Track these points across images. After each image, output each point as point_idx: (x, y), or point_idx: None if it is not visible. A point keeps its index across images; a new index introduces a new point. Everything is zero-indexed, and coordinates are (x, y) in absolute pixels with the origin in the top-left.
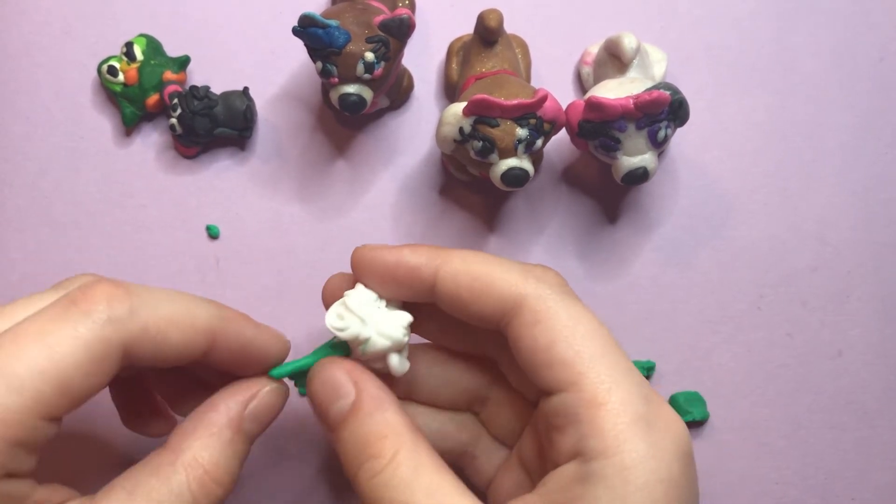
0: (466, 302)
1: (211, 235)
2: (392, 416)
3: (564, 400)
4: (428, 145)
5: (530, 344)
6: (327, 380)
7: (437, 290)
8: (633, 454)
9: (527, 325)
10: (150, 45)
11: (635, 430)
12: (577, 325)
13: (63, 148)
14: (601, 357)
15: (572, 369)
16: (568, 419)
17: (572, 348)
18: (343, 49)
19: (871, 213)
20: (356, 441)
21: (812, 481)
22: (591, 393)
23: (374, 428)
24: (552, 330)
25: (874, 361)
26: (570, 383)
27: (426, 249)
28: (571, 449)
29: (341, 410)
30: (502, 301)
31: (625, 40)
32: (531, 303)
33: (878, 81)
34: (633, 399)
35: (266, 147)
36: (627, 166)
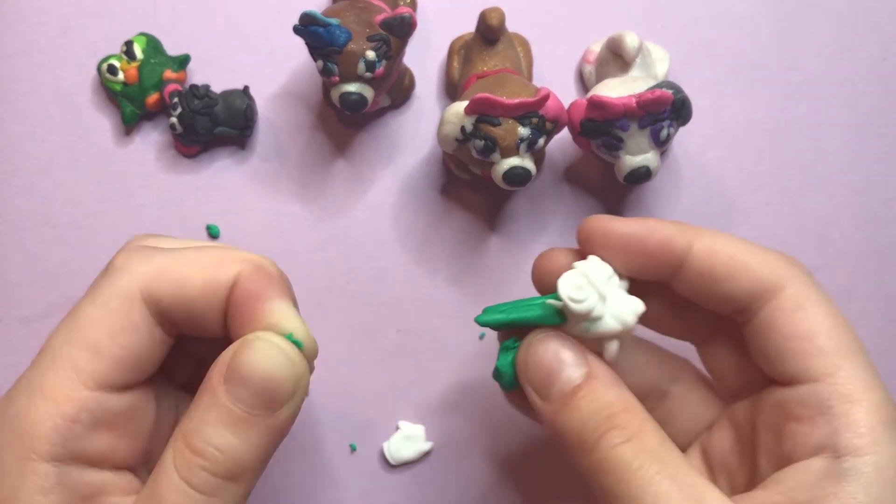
0: (721, 279)
1: (211, 235)
2: (629, 394)
3: (816, 391)
4: (429, 144)
5: (788, 330)
6: (553, 351)
7: (690, 264)
8: (890, 455)
9: (787, 309)
10: (150, 43)
11: (888, 431)
12: (836, 318)
13: (63, 147)
14: (858, 355)
15: (831, 360)
16: (819, 410)
17: (832, 340)
18: (344, 48)
19: (873, 213)
20: (596, 409)
21: None
22: (848, 388)
23: (616, 399)
24: (814, 318)
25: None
26: (826, 374)
27: (675, 223)
28: (818, 443)
29: (572, 381)
30: (760, 281)
31: (627, 39)
32: (793, 288)
33: (881, 81)
34: (886, 402)
35: (266, 146)
36: (630, 165)
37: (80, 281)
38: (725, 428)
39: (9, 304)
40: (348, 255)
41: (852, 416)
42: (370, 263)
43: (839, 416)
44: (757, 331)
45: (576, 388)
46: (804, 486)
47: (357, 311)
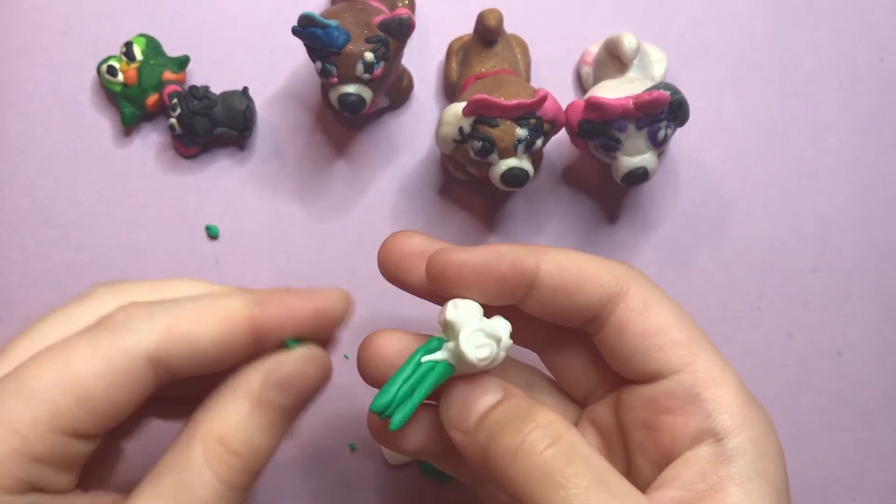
0: (571, 290)
1: (210, 235)
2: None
3: (681, 381)
4: (427, 145)
5: (640, 328)
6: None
7: (541, 282)
8: (760, 430)
9: (636, 310)
10: (149, 44)
11: (753, 408)
12: (680, 311)
13: (63, 148)
14: (707, 343)
15: (687, 351)
16: (688, 399)
17: (684, 332)
18: (342, 49)
19: (872, 213)
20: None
21: (812, 482)
22: (710, 373)
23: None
24: (662, 315)
25: (874, 362)
26: (686, 364)
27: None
28: (697, 431)
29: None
30: (609, 288)
31: (625, 40)
32: (638, 289)
33: (879, 81)
34: (740, 380)
35: (265, 147)
36: (627, 166)
37: (80, 281)
38: (587, 431)
39: (9, 304)
40: (347, 255)
41: (721, 398)
42: (369, 264)
43: (709, 401)
44: (611, 335)
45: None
46: (698, 475)
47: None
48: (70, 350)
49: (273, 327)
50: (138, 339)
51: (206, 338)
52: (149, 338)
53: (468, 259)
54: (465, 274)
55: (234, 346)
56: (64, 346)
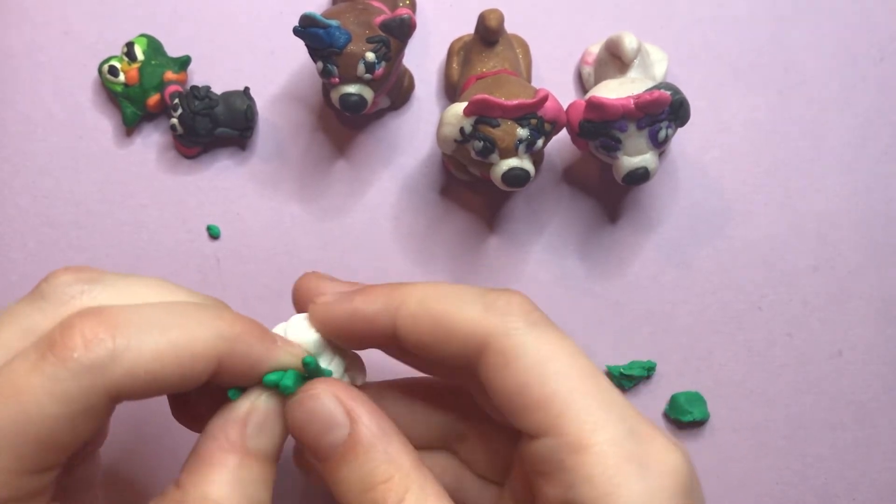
0: (431, 347)
1: (212, 235)
2: (395, 450)
3: (546, 445)
4: (429, 145)
5: (500, 388)
6: (316, 409)
7: (400, 336)
8: (631, 492)
9: (494, 367)
10: (150, 45)
11: (628, 472)
12: (548, 361)
13: (63, 148)
14: (581, 394)
15: (549, 412)
16: (553, 466)
17: (546, 388)
18: (344, 49)
19: (872, 213)
20: (355, 484)
21: (812, 481)
22: (575, 436)
23: (376, 468)
24: (522, 371)
25: (875, 361)
26: (551, 427)
27: (381, 292)
28: (560, 499)
29: (334, 444)
30: (466, 343)
31: (625, 40)
32: (496, 343)
33: (879, 81)
34: (620, 437)
35: (267, 147)
36: (628, 166)
37: None
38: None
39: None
40: (349, 255)
41: (584, 468)
42: (370, 264)
43: (571, 470)
44: (479, 391)
45: (339, 455)
46: None
47: None
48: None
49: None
50: (100, 380)
51: (167, 378)
52: (110, 378)
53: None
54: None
55: (194, 383)
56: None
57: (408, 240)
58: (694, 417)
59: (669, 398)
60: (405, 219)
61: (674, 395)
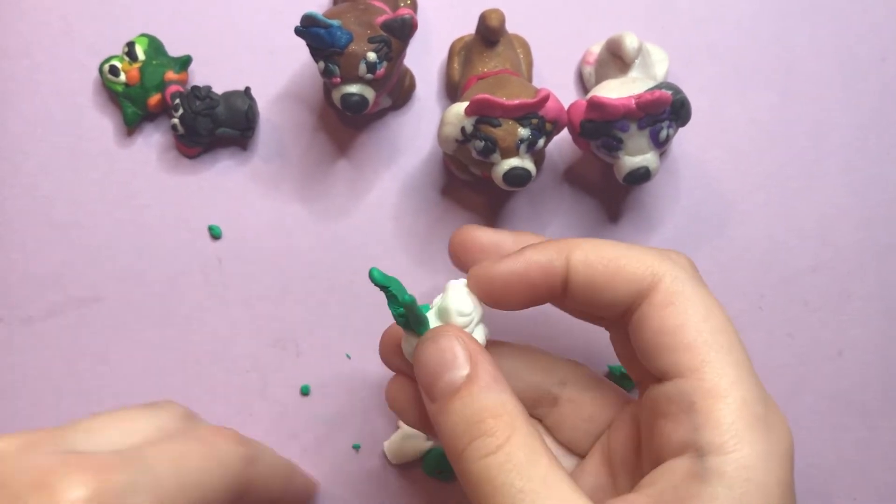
0: (601, 287)
1: (213, 236)
2: (508, 397)
3: (681, 386)
4: (430, 145)
5: (658, 325)
6: (442, 347)
7: (571, 281)
8: (753, 453)
9: (658, 305)
10: (151, 44)
11: (755, 429)
12: (708, 313)
13: (64, 148)
14: (728, 350)
15: (696, 355)
16: (682, 407)
17: (701, 335)
18: (345, 49)
19: (873, 213)
20: (468, 415)
21: (813, 481)
22: (713, 383)
23: (489, 404)
24: (684, 313)
25: (875, 361)
26: (692, 370)
27: (550, 244)
28: (682, 441)
29: (453, 382)
30: (637, 282)
31: (626, 40)
32: (666, 283)
33: (881, 81)
34: (753, 398)
35: (268, 147)
36: (629, 166)
37: (81, 281)
38: (623, 427)
39: (10, 304)
40: (350, 255)
41: (714, 413)
42: (372, 263)
43: (701, 413)
44: (634, 328)
45: (454, 391)
46: (670, 487)
47: (359, 311)
48: None
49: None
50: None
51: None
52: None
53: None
54: (496, 289)
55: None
56: None
57: (409, 239)
58: None
59: None
60: (406, 219)
61: None
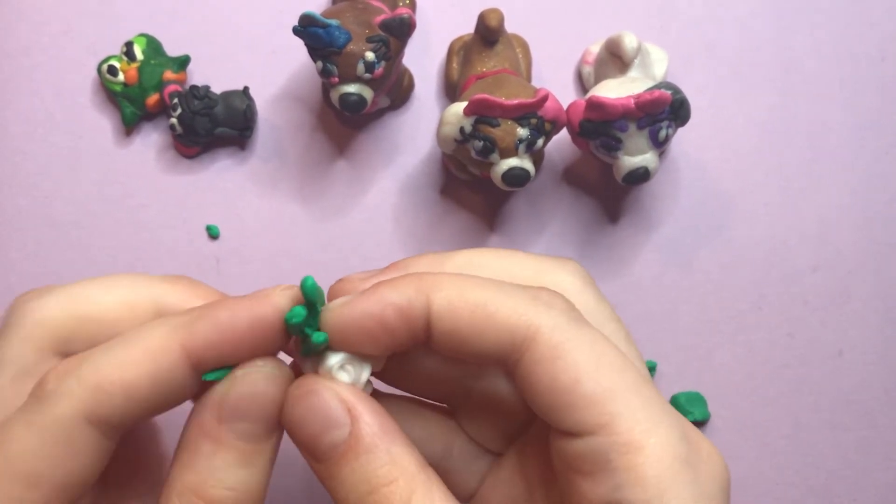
0: (468, 338)
1: (211, 235)
2: (399, 451)
3: (593, 444)
4: (429, 145)
5: (548, 384)
6: (315, 406)
7: (434, 326)
8: (679, 498)
9: (543, 361)
10: (150, 44)
11: (679, 475)
12: (601, 357)
13: (63, 148)
14: (633, 391)
15: (602, 409)
16: (599, 465)
17: (601, 386)
18: (343, 48)
19: (873, 213)
20: (356, 486)
21: (813, 481)
22: (627, 436)
23: (379, 470)
24: (575, 366)
25: (875, 361)
26: (601, 426)
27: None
28: (604, 499)
29: (334, 444)
30: (509, 333)
31: (626, 40)
32: (546, 335)
33: (880, 81)
34: (672, 439)
35: (266, 147)
36: (628, 166)
37: None
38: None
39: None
40: (349, 255)
41: (634, 468)
42: (370, 264)
43: (620, 471)
44: (522, 385)
45: (339, 455)
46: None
47: None
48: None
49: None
50: (70, 405)
51: (139, 383)
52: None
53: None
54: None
55: (175, 382)
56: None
57: (408, 239)
58: (695, 418)
59: (670, 398)
60: (405, 219)
61: (674, 396)
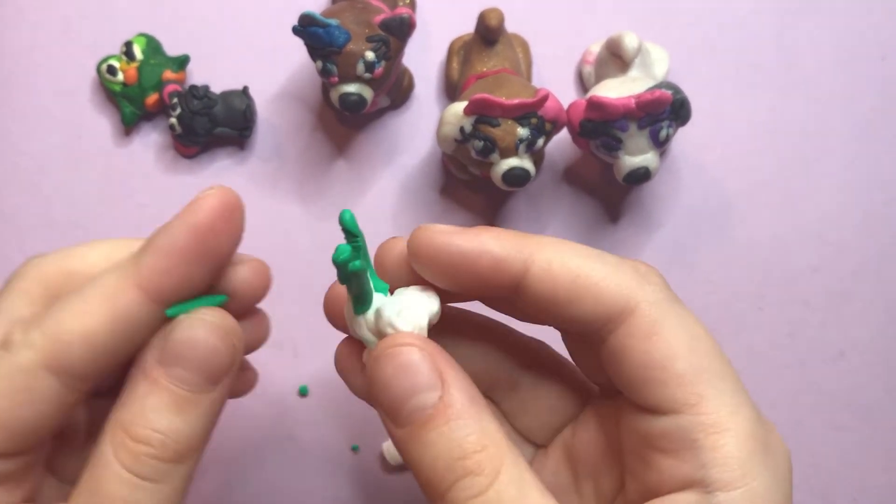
0: (563, 303)
1: None
2: (489, 421)
3: (680, 422)
4: (429, 145)
5: (642, 359)
6: (404, 364)
7: (528, 287)
8: (761, 484)
9: (639, 336)
10: (149, 44)
11: (759, 458)
12: (695, 339)
13: (62, 147)
14: (721, 377)
15: (692, 389)
16: (684, 444)
17: (692, 366)
18: (343, 48)
19: (873, 213)
20: (447, 450)
21: (814, 482)
22: (714, 417)
23: (470, 435)
24: (670, 344)
25: (876, 362)
26: (689, 405)
27: (510, 236)
28: (687, 477)
29: (422, 407)
30: (609, 305)
31: (626, 39)
32: (645, 310)
33: (881, 80)
34: (753, 423)
35: (266, 146)
36: (629, 166)
37: None
38: (591, 429)
39: None
40: None
41: (720, 448)
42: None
43: (706, 450)
44: (611, 357)
45: (427, 418)
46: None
47: None
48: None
49: (164, 279)
50: (31, 355)
51: (98, 329)
52: (41, 350)
53: (446, 246)
54: (440, 262)
55: (136, 321)
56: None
57: None
58: None
59: None
60: (405, 218)
61: None
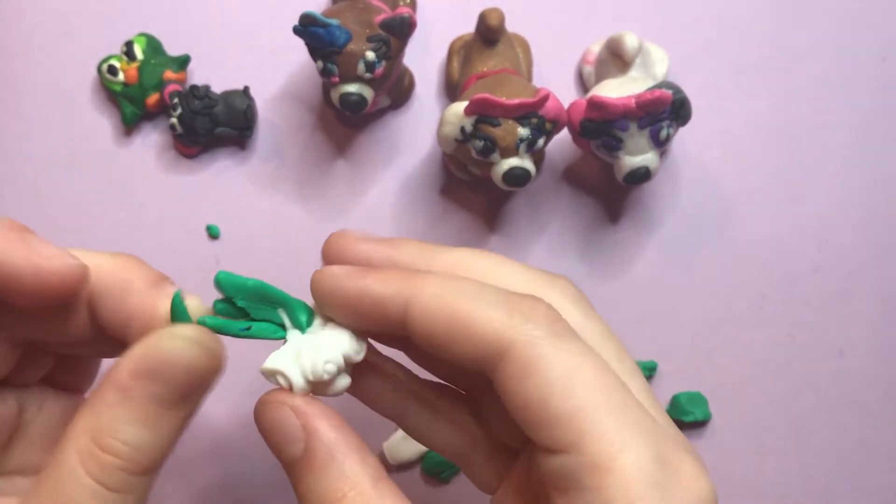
0: (443, 345)
1: (211, 235)
2: (350, 466)
3: (566, 462)
4: (429, 145)
5: (521, 399)
6: (273, 421)
7: (410, 328)
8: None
9: (515, 377)
10: (150, 44)
11: (650, 499)
12: (573, 374)
13: (63, 147)
14: (606, 411)
15: (571, 428)
16: (570, 483)
17: (571, 403)
18: (344, 48)
19: (874, 214)
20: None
21: (814, 482)
22: (596, 456)
23: (330, 484)
24: (546, 383)
25: (876, 362)
26: (571, 444)
27: (396, 277)
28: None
29: (293, 457)
30: (485, 346)
31: (626, 39)
32: (519, 350)
33: (881, 81)
34: (645, 461)
35: (266, 146)
36: (629, 166)
37: None
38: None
39: None
40: None
41: (603, 490)
42: None
43: (590, 491)
44: (496, 397)
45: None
46: None
47: None
48: None
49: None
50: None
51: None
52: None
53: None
54: (334, 300)
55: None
56: None
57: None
58: (695, 418)
59: (671, 399)
60: (405, 218)
61: (675, 396)
